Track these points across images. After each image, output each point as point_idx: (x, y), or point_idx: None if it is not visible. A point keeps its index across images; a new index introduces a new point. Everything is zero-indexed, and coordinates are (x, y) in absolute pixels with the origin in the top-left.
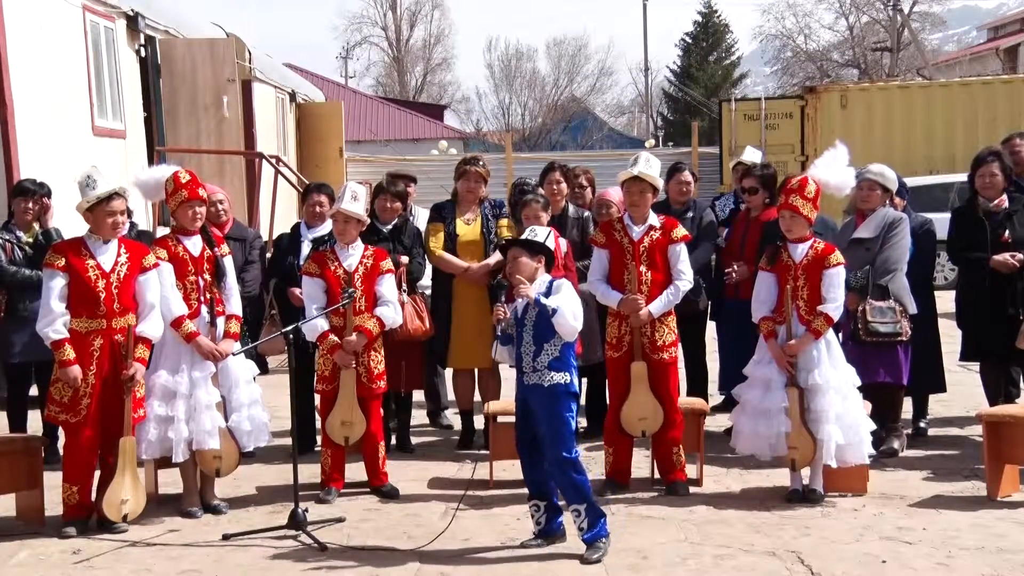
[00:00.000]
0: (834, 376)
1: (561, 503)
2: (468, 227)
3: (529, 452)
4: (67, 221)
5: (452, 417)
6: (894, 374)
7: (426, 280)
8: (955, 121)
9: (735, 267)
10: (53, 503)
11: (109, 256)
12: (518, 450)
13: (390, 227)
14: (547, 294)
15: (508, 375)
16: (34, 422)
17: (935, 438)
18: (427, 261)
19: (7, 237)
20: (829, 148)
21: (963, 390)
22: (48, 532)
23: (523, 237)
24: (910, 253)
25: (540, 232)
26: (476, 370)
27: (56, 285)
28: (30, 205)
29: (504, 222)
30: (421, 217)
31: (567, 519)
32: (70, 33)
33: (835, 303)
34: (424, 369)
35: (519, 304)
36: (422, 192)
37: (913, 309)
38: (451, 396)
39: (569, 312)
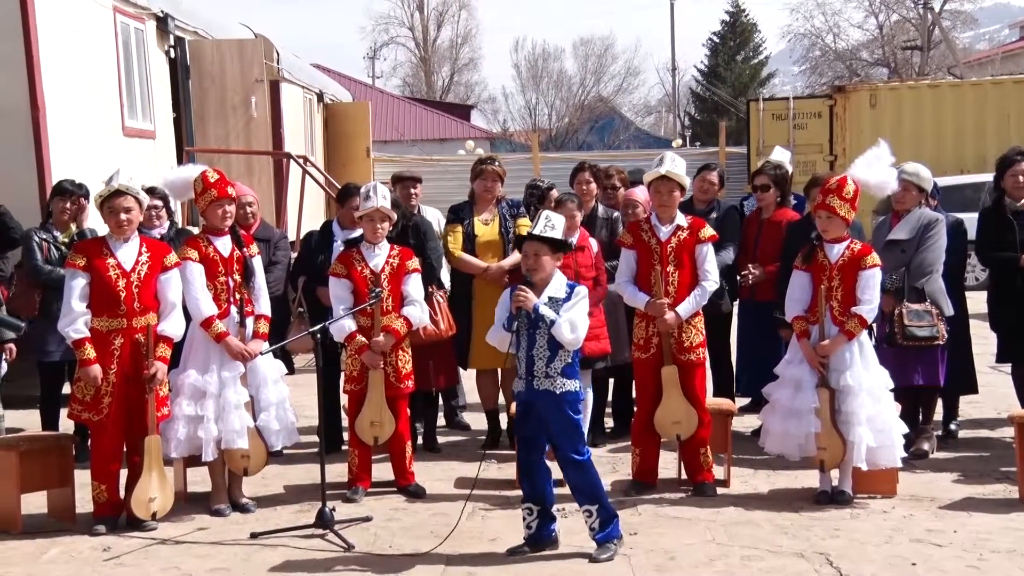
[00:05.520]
0: (866, 378)
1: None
2: (486, 227)
3: (527, 453)
4: (101, 222)
5: (468, 418)
6: (931, 377)
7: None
8: (986, 120)
9: (751, 268)
10: (84, 501)
11: (130, 255)
12: (517, 450)
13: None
14: (567, 298)
15: None
16: (68, 421)
17: (965, 440)
18: (439, 261)
19: (44, 237)
20: (871, 147)
21: (994, 391)
22: (79, 529)
23: (540, 230)
24: None
25: (556, 222)
26: (499, 370)
27: (77, 285)
28: (67, 205)
29: (523, 221)
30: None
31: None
32: (101, 35)
33: (869, 304)
34: (456, 364)
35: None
36: (449, 192)
37: (950, 311)
38: (470, 398)
39: (567, 325)
